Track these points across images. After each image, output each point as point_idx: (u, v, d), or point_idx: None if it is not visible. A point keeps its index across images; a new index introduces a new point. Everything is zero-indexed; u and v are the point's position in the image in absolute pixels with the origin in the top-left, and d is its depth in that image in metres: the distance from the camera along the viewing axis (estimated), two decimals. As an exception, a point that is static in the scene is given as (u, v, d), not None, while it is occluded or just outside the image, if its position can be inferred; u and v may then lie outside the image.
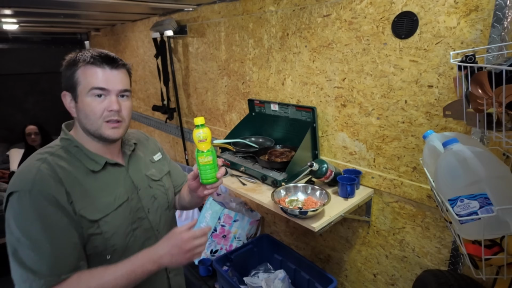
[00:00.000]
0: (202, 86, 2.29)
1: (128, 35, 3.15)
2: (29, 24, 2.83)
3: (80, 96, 0.83)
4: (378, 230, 1.42)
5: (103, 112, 0.84)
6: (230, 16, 1.86)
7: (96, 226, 0.82)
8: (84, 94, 0.83)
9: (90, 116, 0.83)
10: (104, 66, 0.83)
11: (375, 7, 1.21)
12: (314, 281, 1.53)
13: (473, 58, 0.74)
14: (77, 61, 0.83)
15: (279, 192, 1.28)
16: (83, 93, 0.83)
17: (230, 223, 1.98)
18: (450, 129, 1.11)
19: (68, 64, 0.85)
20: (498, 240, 0.72)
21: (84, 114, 0.84)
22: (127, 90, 0.88)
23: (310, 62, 1.49)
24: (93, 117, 0.83)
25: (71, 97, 0.85)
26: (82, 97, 0.83)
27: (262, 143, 1.75)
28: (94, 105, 0.83)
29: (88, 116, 0.83)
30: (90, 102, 0.83)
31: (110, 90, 0.84)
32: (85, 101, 0.83)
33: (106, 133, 0.85)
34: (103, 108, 0.83)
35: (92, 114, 0.83)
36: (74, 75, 0.83)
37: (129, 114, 0.90)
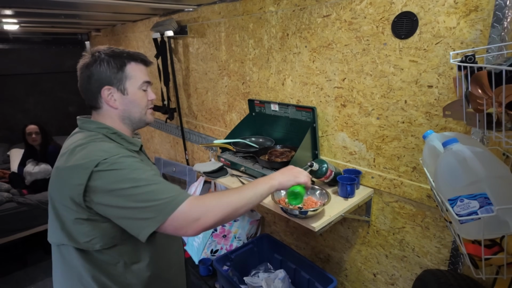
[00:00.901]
0: (202, 86, 2.29)
1: (128, 36, 3.16)
2: (30, 24, 2.83)
3: (131, 88, 0.94)
4: (378, 229, 1.42)
5: (147, 102, 0.99)
6: (230, 16, 1.86)
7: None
8: (135, 87, 0.94)
9: (141, 105, 0.97)
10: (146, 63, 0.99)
11: (375, 7, 1.21)
12: (314, 281, 1.53)
13: (473, 58, 0.74)
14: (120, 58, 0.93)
15: (279, 192, 1.28)
16: (135, 86, 0.94)
17: (230, 222, 1.98)
18: (450, 129, 1.11)
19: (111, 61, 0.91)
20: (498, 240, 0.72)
21: (133, 105, 0.95)
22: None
23: (310, 62, 1.49)
24: (142, 106, 0.97)
25: (117, 90, 0.93)
26: (133, 90, 0.94)
27: (262, 143, 1.75)
28: (143, 96, 0.97)
29: (139, 105, 0.96)
30: (142, 94, 0.97)
31: (151, 83, 1.00)
32: (138, 93, 0.95)
33: (149, 118, 1.01)
34: (147, 98, 0.99)
35: (142, 104, 0.97)
36: (124, 70, 0.92)
37: None
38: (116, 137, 0.93)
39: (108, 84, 0.92)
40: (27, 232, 2.73)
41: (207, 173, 1.54)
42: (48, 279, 2.57)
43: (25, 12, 2.06)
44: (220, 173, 1.56)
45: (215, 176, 1.54)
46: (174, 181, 3.00)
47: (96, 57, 0.91)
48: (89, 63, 0.91)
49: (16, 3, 1.80)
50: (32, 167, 2.91)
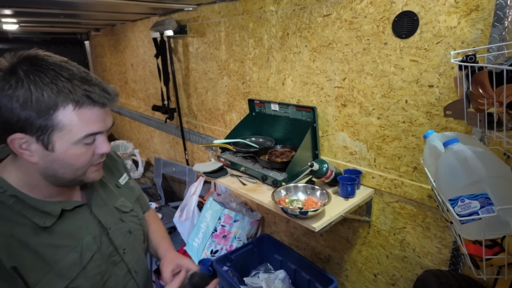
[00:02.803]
0: (202, 86, 2.29)
1: (128, 35, 3.15)
2: (29, 24, 2.83)
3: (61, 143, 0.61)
4: (379, 230, 1.42)
5: (91, 158, 0.66)
6: (230, 16, 1.86)
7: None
8: (69, 142, 0.61)
9: (75, 165, 0.64)
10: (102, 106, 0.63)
11: (376, 6, 1.21)
12: (314, 281, 1.53)
13: (474, 57, 0.74)
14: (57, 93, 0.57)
15: (279, 192, 1.28)
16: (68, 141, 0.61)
17: (230, 223, 1.98)
18: (451, 129, 1.11)
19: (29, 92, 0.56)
20: (499, 240, 0.72)
21: (63, 164, 0.63)
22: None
23: (311, 62, 1.49)
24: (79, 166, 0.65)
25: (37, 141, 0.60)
26: (64, 146, 0.61)
27: (262, 143, 1.75)
28: (83, 153, 0.64)
29: (72, 166, 0.64)
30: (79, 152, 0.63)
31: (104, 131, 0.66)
32: (72, 151, 0.62)
33: (91, 177, 0.69)
34: (91, 153, 0.66)
35: (78, 163, 0.64)
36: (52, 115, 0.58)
37: None
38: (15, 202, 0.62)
39: (21, 132, 0.58)
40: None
41: (207, 173, 1.54)
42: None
43: (25, 11, 2.05)
44: (220, 173, 1.56)
45: (215, 176, 1.54)
46: (174, 181, 3.00)
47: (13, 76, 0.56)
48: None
49: (16, 3, 1.80)
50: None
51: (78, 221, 0.70)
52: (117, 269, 0.76)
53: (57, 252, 0.64)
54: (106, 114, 0.65)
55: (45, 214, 0.64)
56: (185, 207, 2.14)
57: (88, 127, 0.62)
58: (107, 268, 0.73)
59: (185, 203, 2.17)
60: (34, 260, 0.60)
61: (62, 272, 0.63)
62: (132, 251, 0.80)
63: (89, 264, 0.68)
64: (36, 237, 0.62)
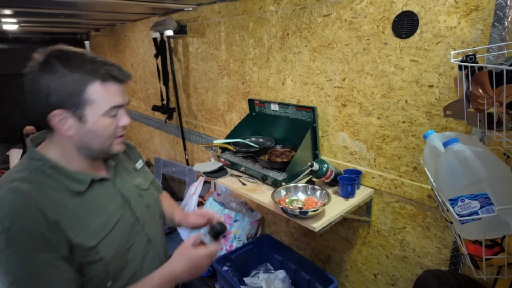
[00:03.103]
0: (202, 86, 2.29)
1: (128, 35, 3.15)
2: (29, 24, 2.82)
3: (92, 115, 0.72)
4: (379, 230, 1.42)
5: (115, 130, 0.77)
6: (230, 16, 1.86)
7: (94, 253, 0.73)
8: (99, 113, 0.73)
9: (103, 135, 0.75)
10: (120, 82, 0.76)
11: (376, 6, 1.21)
12: (314, 281, 1.53)
13: (474, 57, 0.74)
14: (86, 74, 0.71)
15: (279, 192, 1.28)
16: (98, 113, 0.73)
17: (230, 223, 1.98)
18: (451, 129, 1.11)
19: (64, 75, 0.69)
20: (498, 240, 0.72)
21: (94, 134, 0.74)
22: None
23: (311, 62, 1.49)
24: (106, 136, 0.76)
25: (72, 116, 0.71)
26: (95, 117, 0.73)
27: (262, 143, 1.75)
28: (110, 124, 0.75)
29: (101, 136, 0.75)
30: (106, 123, 0.74)
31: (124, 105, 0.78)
32: (101, 122, 0.74)
33: (116, 149, 0.80)
34: (115, 125, 0.77)
35: (107, 133, 0.75)
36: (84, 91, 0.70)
37: None
38: (54, 172, 0.73)
39: (60, 107, 0.70)
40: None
41: (207, 173, 1.54)
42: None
43: (25, 11, 2.05)
44: (220, 173, 1.56)
45: (215, 176, 1.54)
46: (174, 181, 3.00)
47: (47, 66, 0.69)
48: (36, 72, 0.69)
49: (16, 2, 1.80)
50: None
51: (105, 191, 0.81)
52: (139, 238, 0.86)
53: (89, 214, 0.74)
54: (124, 91, 0.78)
55: (78, 182, 0.75)
56: (185, 207, 2.14)
57: (112, 100, 0.74)
58: (130, 235, 0.83)
59: (185, 203, 2.17)
60: (71, 218, 0.71)
61: (93, 231, 0.74)
62: (150, 223, 0.90)
63: (115, 228, 0.78)
64: (71, 200, 0.73)
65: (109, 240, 0.76)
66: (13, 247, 0.62)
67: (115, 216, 0.79)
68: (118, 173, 0.88)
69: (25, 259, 0.63)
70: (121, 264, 0.79)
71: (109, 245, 0.76)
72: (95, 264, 0.73)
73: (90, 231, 0.73)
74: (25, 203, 0.65)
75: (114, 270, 0.77)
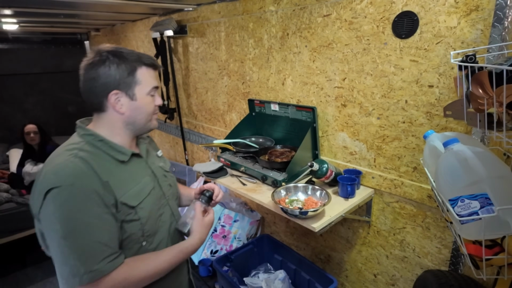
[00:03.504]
0: (202, 86, 2.29)
1: (128, 35, 3.15)
2: (29, 24, 2.82)
3: (140, 94, 0.90)
4: (379, 230, 1.42)
5: (154, 108, 0.95)
6: (230, 16, 1.85)
7: (134, 212, 0.87)
8: (144, 92, 0.90)
9: (147, 111, 0.92)
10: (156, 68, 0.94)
11: (375, 7, 1.21)
12: (314, 281, 1.53)
13: (474, 58, 0.74)
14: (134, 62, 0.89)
15: (279, 192, 1.28)
16: (144, 92, 0.90)
17: (230, 223, 1.98)
18: (451, 129, 1.11)
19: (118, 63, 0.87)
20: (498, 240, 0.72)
21: (140, 111, 0.91)
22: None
23: (310, 62, 1.49)
24: (148, 112, 0.93)
25: (125, 95, 0.89)
26: (142, 95, 0.90)
27: (262, 143, 1.75)
28: (151, 102, 0.93)
29: (145, 111, 0.92)
30: (150, 100, 0.93)
31: (158, 88, 0.96)
32: (146, 99, 0.91)
33: (154, 123, 0.97)
34: (154, 104, 0.95)
35: (148, 110, 0.93)
36: (135, 75, 0.88)
37: None
38: (102, 144, 0.89)
39: (116, 88, 0.87)
40: (26, 232, 2.73)
41: (207, 173, 1.54)
42: (47, 280, 2.57)
43: (25, 11, 2.05)
44: (220, 173, 1.56)
45: (215, 176, 1.54)
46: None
47: (104, 58, 0.86)
48: (95, 63, 0.85)
49: (16, 3, 1.80)
50: (31, 168, 2.90)
51: (140, 165, 0.97)
52: (166, 210, 1.00)
53: (130, 181, 0.89)
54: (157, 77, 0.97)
55: (122, 153, 0.91)
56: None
57: (152, 82, 0.92)
58: (160, 205, 0.97)
59: (185, 203, 2.17)
60: (117, 181, 0.85)
61: (134, 194, 0.88)
62: (172, 200, 1.05)
63: (149, 195, 0.92)
64: (117, 168, 0.88)
65: (145, 204, 0.90)
66: (74, 199, 0.76)
67: (149, 186, 0.94)
68: (149, 155, 1.04)
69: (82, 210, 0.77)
70: (154, 228, 0.93)
71: (145, 209, 0.89)
72: (133, 222, 0.87)
73: (131, 194, 0.87)
74: (84, 165, 0.80)
75: (148, 232, 0.90)
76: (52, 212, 0.76)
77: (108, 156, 0.88)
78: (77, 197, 0.76)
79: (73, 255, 0.75)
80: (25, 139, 2.94)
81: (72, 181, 0.77)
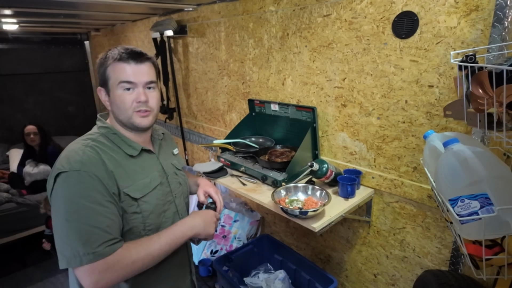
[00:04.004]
0: (202, 86, 2.29)
1: (128, 35, 3.15)
2: (29, 24, 2.82)
3: (112, 89, 0.92)
4: (379, 230, 1.42)
5: (132, 103, 0.92)
6: (230, 16, 1.86)
7: (136, 205, 0.90)
8: (114, 87, 0.91)
9: (121, 107, 0.92)
10: (130, 62, 0.91)
11: (375, 7, 1.21)
12: (314, 281, 1.53)
13: (474, 58, 0.74)
14: (107, 59, 0.91)
15: (279, 192, 1.28)
16: (114, 87, 0.91)
17: (230, 223, 1.98)
18: (451, 129, 1.11)
19: (100, 62, 0.93)
20: (498, 240, 0.72)
21: (116, 106, 0.92)
22: (152, 81, 0.95)
23: (310, 62, 1.49)
24: (124, 108, 0.92)
25: (105, 91, 0.94)
26: (113, 91, 0.91)
27: (262, 143, 1.75)
28: (124, 96, 0.91)
29: (120, 107, 0.92)
30: (120, 95, 0.91)
31: (137, 83, 0.92)
32: (116, 94, 0.91)
33: (137, 121, 0.94)
34: (132, 99, 0.92)
35: (122, 105, 0.91)
36: (106, 71, 0.91)
37: (157, 103, 0.98)
38: (115, 138, 0.94)
39: (100, 85, 0.94)
40: (27, 232, 2.73)
41: (207, 173, 1.54)
42: (47, 280, 2.57)
43: (25, 11, 2.05)
44: (220, 173, 1.56)
45: (215, 176, 1.54)
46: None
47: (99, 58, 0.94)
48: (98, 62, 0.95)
49: (16, 3, 1.80)
50: (32, 168, 2.90)
51: (150, 160, 1.00)
52: (171, 207, 1.02)
53: (137, 174, 0.93)
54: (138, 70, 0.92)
55: (132, 148, 0.95)
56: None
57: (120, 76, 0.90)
58: (165, 201, 0.99)
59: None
60: (123, 173, 0.90)
61: (138, 187, 0.91)
62: (180, 198, 1.07)
63: (155, 190, 0.95)
64: (126, 161, 0.92)
65: (149, 198, 0.93)
66: (79, 184, 0.81)
67: (156, 181, 0.97)
68: (161, 151, 1.06)
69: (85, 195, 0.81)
70: (156, 223, 0.95)
71: (148, 202, 0.92)
72: (135, 215, 0.90)
73: (136, 186, 0.91)
74: (93, 154, 0.86)
75: (150, 227, 0.93)
76: (59, 195, 0.81)
77: (119, 149, 0.93)
78: (81, 183, 0.81)
79: (74, 236, 0.78)
80: (25, 140, 2.94)
81: (79, 167, 0.82)
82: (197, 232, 0.96)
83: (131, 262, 0.82)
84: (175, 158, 1.13)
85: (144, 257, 0.84)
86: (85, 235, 0.78)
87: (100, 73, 0.93)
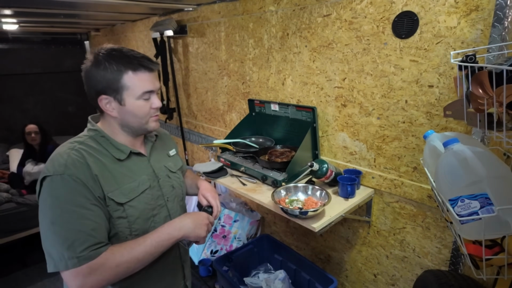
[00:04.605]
0: (202, 86, 2.29)
1: (128, 35, 3.15)
2: (29, 24, 2.82)
3: (129, 99, 0.89)
4: (379, 230, 1.42)
5: (149, 110, 0.93)
6: (230, 16, 1.86)
7: (122, 209, 0.88)
8: (134, 97, 0.89)
9: (140, 115, 0.91)
10: (150, 70, 0.91)
11: (375, 7, 1.21)
12: (314, 281, 1.53)
13: (474, 58, 0.74)
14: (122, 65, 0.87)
15: (279, 192, 1.28)
16: (133, 97, 0.89)
17: (230, 223, 1.98)
18: (451, 129, 1.11)
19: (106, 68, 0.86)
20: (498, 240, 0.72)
21: (132, 114, 0.91)
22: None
23: (310, 62, 1.49)
24: (141, 115, 0.92)
25: (114, 100, 0.89)
26: (131, 100, 0.89)
27: (262, 143, 1.75)
28: (144, 106, 0.91)
29: (138, 115, 0.91)
30: (141, 105, 0.90)
31: (154, 91, 0.93)
32: (136, 104, 0.90)
33: (152, 126, 0.95)
34: (149, 106, 0.92)
35: (140, 113, 0.91)
36: (120, 80, 0.87)
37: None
38: (104, 141, 0.92)
39: (105, 94, 0.88)
40: (27, 232, 2.73)
41: (207, 174, 1.54)
42: (47, 280, 2.57)
43: (25, 11, 2.05)
44: (220, 173, 1.56)
45: (215, 176, 1.54)
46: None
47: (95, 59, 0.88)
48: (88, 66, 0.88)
49: (16, 3, 1.80)
50: (32, 167, 2.90)
51: (140, 164, 0.98)
52: (162, 211, 1.00)
53: (124, 178, 0.91)
54: (155, 78, 0.93)
55: (120, 151, 0.93)
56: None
57: (144, 86, 0.89)
58: (155, 206, 0.97)
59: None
60: (109, 177, 0.88)
61: (125, 192, 0.89)
62: (173, 202, 1.04)
63: (142, 194, 0.93)
64: (113, 165, 0.90)
65: (135, 202, 0.91)
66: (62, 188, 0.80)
67: (144, 185, 0.95)
68: (153, 153, 1.04)
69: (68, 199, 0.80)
70: (144, 228, 0.93)
71: (135, 207, 0.91)
72: (121, 220, 0.88)
73: (122, 191, 0.89)
74: (78, 157, 0.84)
75: (136, 232, 0.91)
76: (44, 199, 0.81)
77: (107, 152, 0.91)
78: (65, 187, 0.80)
79: (59, 240, 0.78)
80: (26, 139, 2.94)
81: (63, 171, 0.81)
82: (186, 233, 0.92)
83: (115, 265, 0.81)
84: (170, 160, 1.10)
85: (128, 260, 0.82)
86: (69, 239, 0.78)
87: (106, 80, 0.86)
